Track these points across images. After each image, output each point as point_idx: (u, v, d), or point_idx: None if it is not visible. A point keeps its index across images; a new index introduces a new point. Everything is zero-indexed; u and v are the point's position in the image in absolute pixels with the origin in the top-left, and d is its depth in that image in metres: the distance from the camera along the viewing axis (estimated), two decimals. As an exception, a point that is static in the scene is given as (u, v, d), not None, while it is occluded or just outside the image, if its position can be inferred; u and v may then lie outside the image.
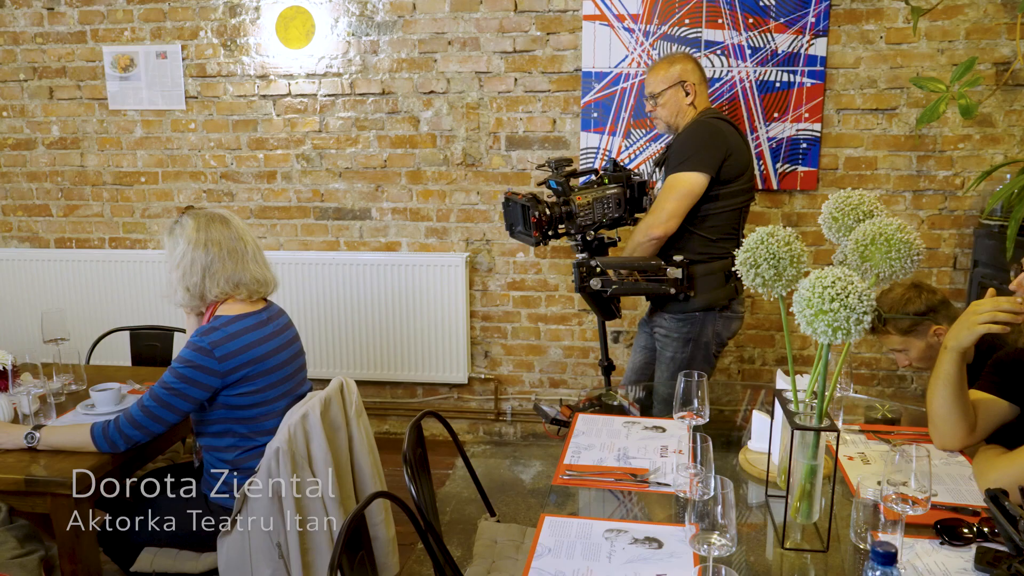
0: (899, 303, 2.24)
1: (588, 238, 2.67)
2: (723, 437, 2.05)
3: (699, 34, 3.37)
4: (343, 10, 3.63)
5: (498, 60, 3.57)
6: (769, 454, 1.69)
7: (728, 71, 3.39)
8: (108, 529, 2.13)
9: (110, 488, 2.17)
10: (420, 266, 3.71)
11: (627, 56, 3.43)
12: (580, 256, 2.60)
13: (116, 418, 1.98)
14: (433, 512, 1.92)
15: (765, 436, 1.74)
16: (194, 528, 2.06)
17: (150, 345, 3.00)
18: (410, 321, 3.77)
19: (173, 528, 2.08)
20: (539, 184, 2.78)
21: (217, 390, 1.99)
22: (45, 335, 2.46)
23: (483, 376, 3.89)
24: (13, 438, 1.99)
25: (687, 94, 2.67)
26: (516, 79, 3.58)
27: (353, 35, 3.65)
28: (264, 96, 3.78)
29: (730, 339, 2.78)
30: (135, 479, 2.41)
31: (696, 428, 1.78)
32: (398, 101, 3.69)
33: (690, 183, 2.54)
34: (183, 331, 2.69)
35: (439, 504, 3.20)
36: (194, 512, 2.09)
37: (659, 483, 1.73)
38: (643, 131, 3.49)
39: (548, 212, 2.54)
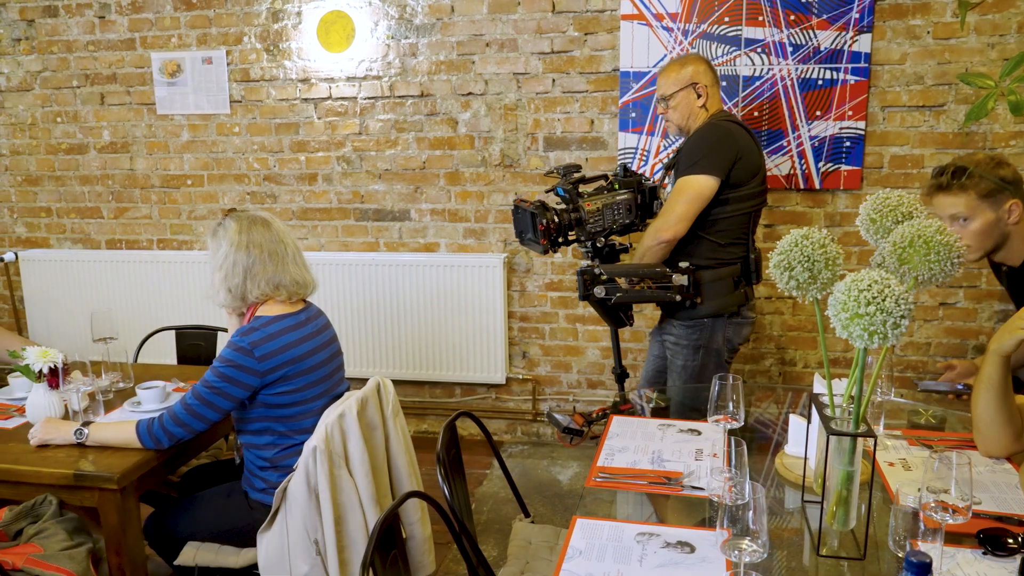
0: (987, 165, 2.04)
1: (598, 244, 2.64)
2: (760, 440, 2.02)
3: (739, 32, 3.33)
4: (382, 14, 3.68)
5: (536, 61, 3.58)
6: (805, 459, 1.67)
7: (769, 69, 3.34)
8: (153, 523, 2.19)
9: (155, 484, 2.24)
10: (458, 267, 3.73)
11: (665, 55, 3.40)
12: (584, 263, 2.58)
13: (160, 416, 2.03)
14: (467, 512, 1.93)
15: (802, 440, 1.72)
16: (235, 524, 2.11)
17: (194, 344, 3.07)
18: (448, 321, 3.79)
19: (215, 523, 2.14)
20: (547, 191, 2.78)
21: (257, 389, 2.03)
22: (94, 334, 2.53)
23: (521, 376, 3.90)
24: (63, 434, 2.06)
25: (699, 96, 2.62)
26: (554, 80, 3.58)
27: (392, 38, 3.69)
28: (305, 99, 3.84)
29: (742, 344, 2.73)
30: (179, 475, 2.48)
31: (731, 431, 1.76)
32: (436, 103, 3.71)
33: (700, 186, 2.49)
34: (226, 331, 2.75)
35: (476, 503, 3.22)
36: (235, 508, 2.14)
37: (693, 487, 1.72)
38: (682, 131, 3.46)
39: (556, 219, 2.53)
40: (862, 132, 3.33)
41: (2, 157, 4.28)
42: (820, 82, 3.31)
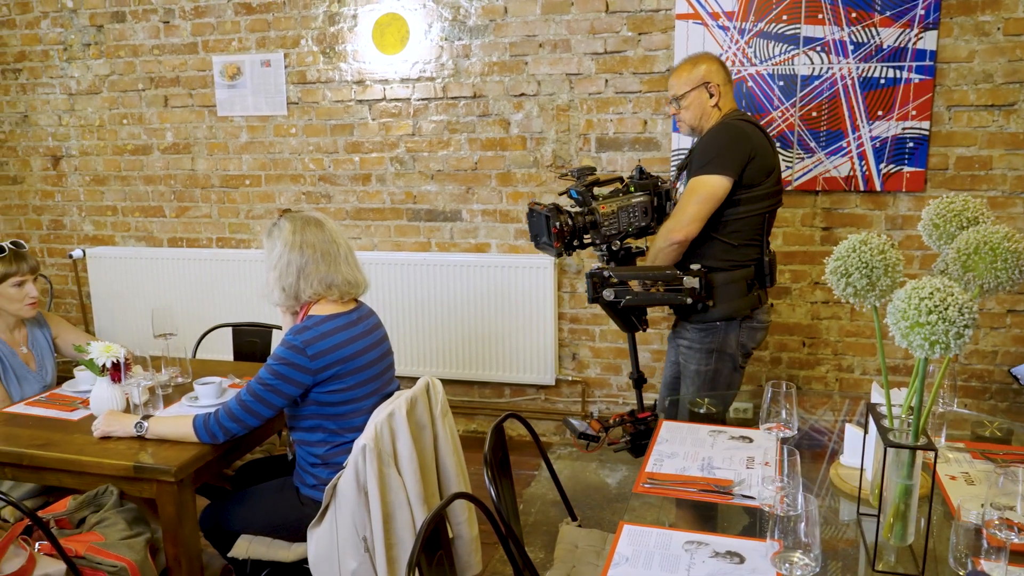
0: None
1: (614, 248, 2.61)
2: (815, 449, 1.97)
3: (798, 30, 3.26)
4: (436, 15, 3.70)
5: (589, 61, 3.56)
6: (862, 470, 1.62)
7: (828, 68, 3.26)
8: (208, 515, 2.25)
9: (211, 477, 2.29)
10: (509, 267, 3.74)
11: (721, 55, 3.35)
12: (594, 267, 2.55)
13: (216, 411, 2.08)
14: (514, 514, 1.93)
15: (858, 451, 1.67)
16: (286, 519, 2.15)
17: (250, 341, 3.14)
18: (498, 322, 3.80)
19: (267, 517, 2.18)
20: (560, 194, 2.75)
21: (309, 387, 2.06)
22: (155, 330, 2.61)
23: (570, 378, 3.88)
24: (125, 426, 2.13)
25: (711, 95, 2.56)
26: (607, 80, 3.56)
27: (446, 40, 3.72)
28: (360, 101, 3.90)
29: (755, 348, 2.66)
30: (233, 469, 2.54)
31: (784, 440, 1.72)
32: (489, 104, 3.73)
33: (712, 186, 2.44)
34: (280, 328, 2.80)
35: (524, 505, 3.22)
36: (287, 503, 2.18)
37: (744, 495, 1.69)
38: (737, 131, 3.40)
39: (570, 222, 2.50)
40: (926, 132, 3.22)
41: (72, 158, 4.45)
42: (882, 81, 3.22)
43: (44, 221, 4.60)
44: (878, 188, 3.31)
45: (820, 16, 3.22)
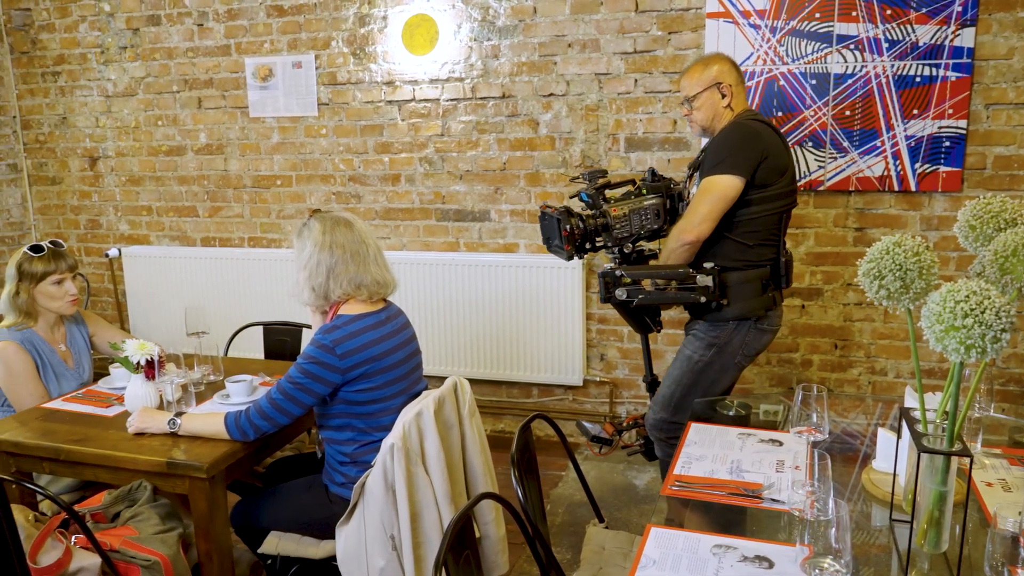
0: None
1: (626, 251, 2.60)
2: (846, 452, 1.95)
3: (831, 28, 3.21)
4: (465, 16, 3.71)
5: (618, 61, 3.54)
6: (895, 475, 1.59)
7: (862, 66, 3.21)
8: (239, 512, 2.28)
9: (242, 474, 2.32)
10: (537, 268, 3.73)
11: (752, 54, 3.32)
12: (608, 266, 2.53)
13: (247, 409, 2.11)
14: (541, 515, 1.93)
15: (891, 456, 1.64)
16: (315, 516, 2.17)
17: (280, 340, 3.17)
18: (526, 322, 3.80)
19: (296, 514, 2.20)
20: (571, 197, 2.74)
21: (338, 386, 2.08)
22: (188, 328, 2.65)
23: (598, 379, 3.87)
24: (158, 423, 2.16)
25: (723, 96, 2.53)
26: (636, 80, 3.54)
27: (475, 40, 3.73)
28: (390, 102, 3.92)
29: (759, 352, 2.62)
30: (263, 467, 2.57)
31: (815, 444, 1.70)
32: (518, 104, 3.73)
33: (724, 186, 2.41)
34: (310, 327, 2.83)
35: (550, 505, 3.21)
36: (315, 501, 2.20)
37: (773, 499, 1.67)
38: (768, 131, 3.36)
39: (581, 225, 2.49)
40: (963, 131, 3.16)
41: (108, 158, 4.53)
42: (918, 79, 3.16)
43: (81, 221, 4.69)
44: (913, 188, 3.26)
45: (854, 14, 3.18)
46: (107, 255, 4.47)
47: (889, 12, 3.14)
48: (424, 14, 3.75)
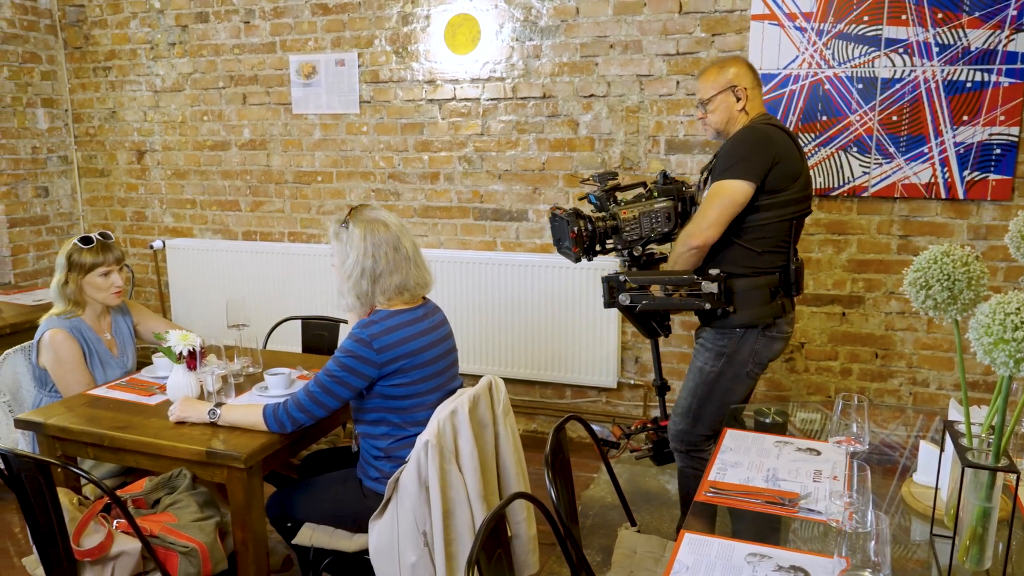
0: None
1: (635, 253, 2.57)
2: (885, 464, 1.91)
3: (879, 32, 3.15)
4: (508, 16, 3.72)
5: (660, 62, 3.52)
6: (937, 489, 1.56)
7: (911, 71, 3.14)
8: (274, 502, 2.31)
9: (278, 465, 2.35)
10: (574, 269, 3.72)
11: (797, 56, 3.27)
12: (613, 271, 2.52)
13: (285, 401, 2.14)
14: (572, 517, 1.92)
15: (933, 469, 1.61)
16: (349, 510, 2.20)
17: (318, 334, 3.21)
18: (562, 323, 3.80)
19: (330, 508, 2.23)
20: (580, 198, 2.72)
21: (374, 380, 2.10)
22: (229, 320, 2.69)
23: (632, 382, 3.85)
24: (199, 413, 2.21)
25: (738, 99, 2.49)
26: (678, 82, 3.51)
27: (517, 40, 3.73)
28: (431, 100, 3.94)
29: (771, 360, 2.57)
30: (299, 459, 2.61)
31: (854, 454, 1.68)
32: (558, 104, 3.72)
33: (733, 191, 2.37)
34: (347, 322, 2.86)
35: (581, 507, 3.21)
36: (350, 495, 2.22)
37: (810, 509, 1.65)
38: (812, 135, 3.31)
39: (590, 227, 2.48)
40: (1015, 139, 3.08)
41: (155, 152, 4.63)
42: (969, 84, 3.09)
43: (128, 212, 4.80)
44: (961, 196, 3.19)
45: (904, 17, 3.11)
46: (151, 246, 4.57)
47: (940, 16, 3.07)
48: (467, 14, 3.77)
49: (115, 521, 2.03)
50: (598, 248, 2.54)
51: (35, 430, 2.28)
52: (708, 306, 2.41)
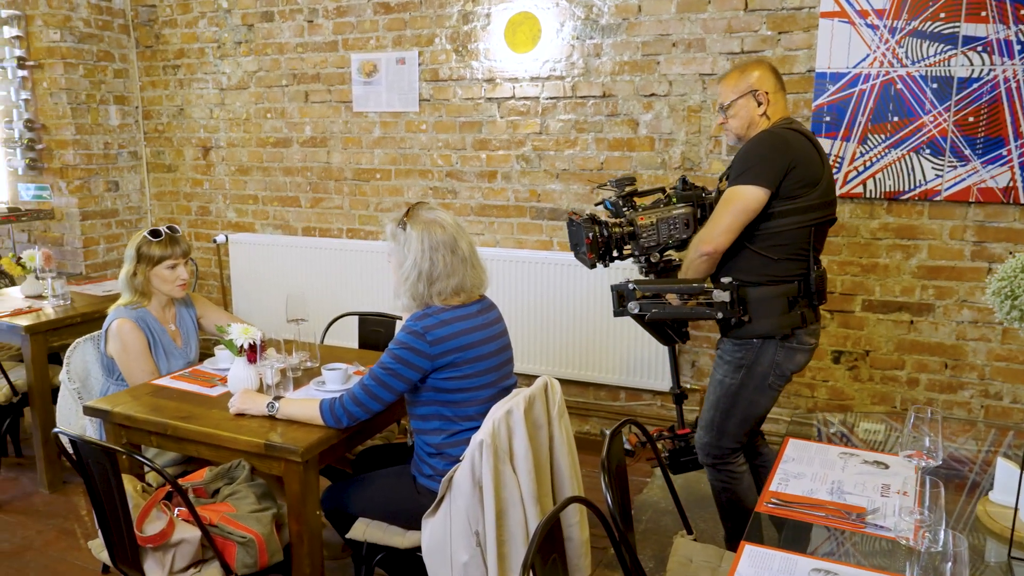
0: None
1: (653, 260, 2.52)
2: (955, 480, 1.83)
3: (956, 29, 3.03)
4: (569, 14, 3.69)
5: (724, 61, 3.45)
6: (1016, 509, 1.49)
7: (990, 70, 3.01)
8: (329, 496, 2.33)
9: (333, 460, 2.38)
10: (630, 270, 3.67)
11: (869, 55, 3.17)
12: (622, 280, 2.47)
13: (341, 396, 2.16)
14: (628, 522, 1.89)
15: (1011, 488, 1.53)
16: (402, 506, 2.20)
17: (375, 331, 3.24)
18: (617, 325, 3.75)
19: (384, 503, 2.24)
20: (596, 204, 2.67)
21: (427, 372, 2.10)
22: (288, 315, 2.73)
23: (688, 386, 3.79)
24: (258, 406, 2.24)
25: (759, 104, 2.40)
26: (742, 81, 3.43)
27: (577, 39, 3.70)
28: (490, 99, 3.94)
29: (795, 372, 2.47)
30: (354, 454, 2.63)
31: (926, 470, 1.61)
32: (618, 104, 3.68)
33: (746, 197, 2.29)
34: (402, 319, 2.87)
35: (635, 512, 3.16)
36: (403, 491, 2.23)
37: (878, 525, 1.58)
38: (882, 136, 3.20)
39: (605, 233, 2.43)
40: (1102, 142, 2.92)
41: (220, 148, 4.74)
42: (1053, 85, 2.95)
43: (193, 207, 4.93)
44: (1042, 201, 3.04)
45: (983, 14, 2.99)
46: (215, 241, 4.68)
47: (1023, 12, 2.93)
48: (527, 12, 3.75)
49: (176, 509, 2.08)
50: (615, 254, 2.52)
51: (102, 417, 2.35)
52: (720, 315, 2.35)
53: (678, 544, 2.09)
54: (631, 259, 2.58)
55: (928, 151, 3.16)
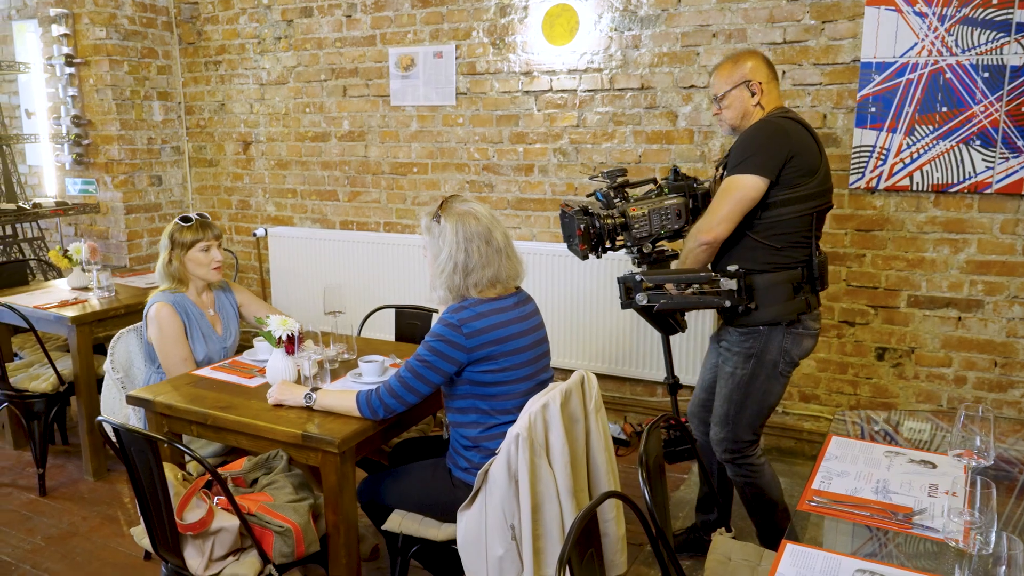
0: None
1: (645, 250, 2.50)
2: (1003, 482, 1.77)
3: (1010, 16, 2.93)
4: (607, 6, 3.65)
5: (766, 51, 3.38)
6: (1071, 512, 1.43)
7: (1045, 58, 2.91)
8: (365, 488, 2.34)
9: (370, 451, 2.39)
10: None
11: (916, 44, 3.08)
12: (629, 271, 2.43)
13: (377, 388, 2.16)
14: (665, 519, 1.87)
15: (1067, 490, 1.48)
16: (438, 499, 2.20)
17: (411, 324, 3.24)
18: (654, 319, 3.71)
19: (420, 496, 2.24)
20: (587, 196, 2.63)
21: (463, 364, 2.10)
22: (326, 307, 2.75)
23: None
24: (296, 397, 2.26)
25: (753, 94, 2.38)
26: (784, 72, 3.37)
27: (615, 30, 3.66)
28: (527, 92, 3.92)
29: (802, 358, 2.45)
30: (390, 446, 2.64)
31: (976, 470, 1.56)
32: (656, 96, 3.64)
33: (745, 186, 2.27)
34: (439, 312, 2.87)
35: (672, 508, 3.13)
36: (439, 484, 2.23)
37: (926, 526, 1.54)
38: (930, 127, 3.12)
39: (597, 224, 2.41)
40: None
41: (260, 143, 4.79)
42: (1112, 73, 2.84)
43: (233, 201, 5.00)
44: (1099, 194, 2.93)
45: (1038, 0, 2.88)
46: (254, 234, 4.74)
47: (1081, -2, 2.83)
48: (565, 4, 3.72)
49: (216, 498, 2.10)
50: (607, 245, 2.51)
51: (145, 407, 2.39)
52: (728, 303, 2.34)
53: (717, 542, 2.06)
54: (623, 250, 2.57)
55: (978, 142, 3.06)
